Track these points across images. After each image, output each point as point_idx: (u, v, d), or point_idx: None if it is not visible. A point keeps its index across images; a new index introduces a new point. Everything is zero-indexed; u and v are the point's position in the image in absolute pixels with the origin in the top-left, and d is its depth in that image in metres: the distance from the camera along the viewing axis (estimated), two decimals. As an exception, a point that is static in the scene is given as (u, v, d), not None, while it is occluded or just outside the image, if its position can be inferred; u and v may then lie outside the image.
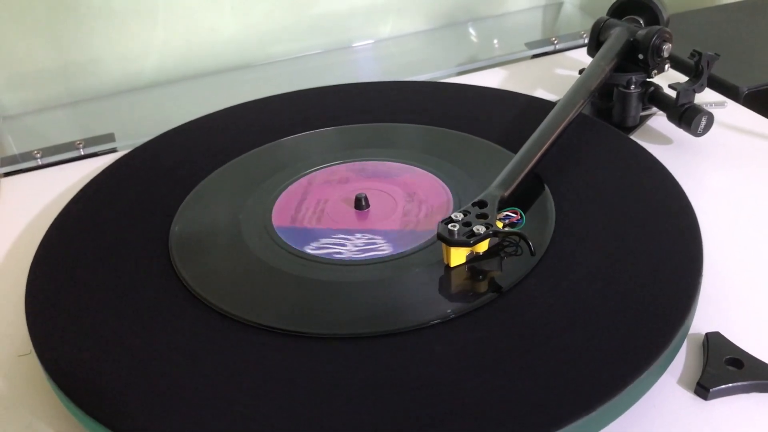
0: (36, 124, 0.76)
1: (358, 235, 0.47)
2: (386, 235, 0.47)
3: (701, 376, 0.38)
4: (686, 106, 0.58)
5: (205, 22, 0.79)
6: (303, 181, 0.54)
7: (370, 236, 0.47)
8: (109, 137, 0.68)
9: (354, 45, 0.86)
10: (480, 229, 0.43)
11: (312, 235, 0.48)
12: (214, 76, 0.81)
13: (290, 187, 0.53)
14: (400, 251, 0.45)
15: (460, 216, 0.44)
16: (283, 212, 0.50)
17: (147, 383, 0.37)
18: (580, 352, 0.37)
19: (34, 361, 0.40)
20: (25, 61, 0.75)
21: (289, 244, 0.47)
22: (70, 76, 0.77)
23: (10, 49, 0.73)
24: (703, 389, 0.37)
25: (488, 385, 0.36)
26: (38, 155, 0.66)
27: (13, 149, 0.69)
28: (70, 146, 0.66)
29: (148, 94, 0.79)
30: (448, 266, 0.44)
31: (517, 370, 0.36)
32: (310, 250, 0.46)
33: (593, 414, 0.34)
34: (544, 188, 0.50)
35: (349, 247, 0.46)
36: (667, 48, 0.58)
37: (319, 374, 0.37)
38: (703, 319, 0.42)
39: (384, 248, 0.46)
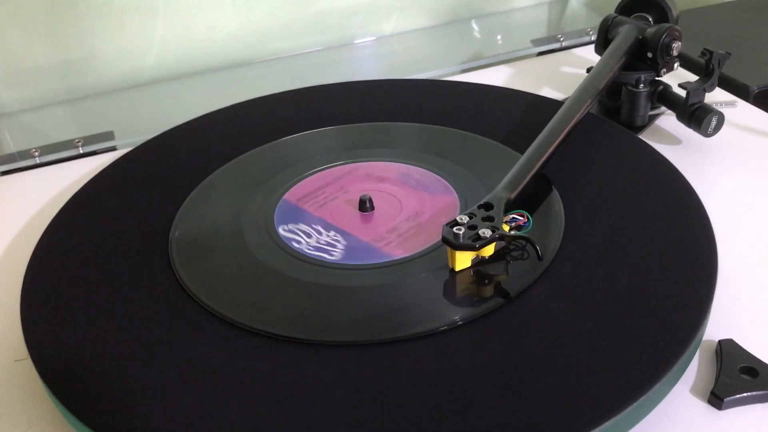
0: (34, 122, 0.75)
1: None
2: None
3: (715, 385, 0.37)
4: (696, 106, 0.57)
5: (205, 18, 0.78)
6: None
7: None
8: (109, 135, 0.67)
9: (356, 42, 0.86)
10: (486, 232, 0.42)
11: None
12: (214, 74, 0.80)
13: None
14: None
15: (465, 219, 0.43)
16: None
17: (145, 390, 0.36)
18: (590, 362, 0.36)
19: (30, 366, 0.39)
20: (23, 58, 0.74)
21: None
22: (69, 73, 0.76)
23: (8, 45, 0.73)
24: (716, 399, 0.36)
25: (495, 396, 0.35)
26: (36, 153, 0.65)
27: (11, 147, 0.69)
28: (69, 144, 0.66)
29: (148, 92, 0.78)
30: (453, 270, 0.43)
31: (525, 381, 0.35)
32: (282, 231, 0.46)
33: (604, 425, 0.33)
34: (551, 190, 0.49)
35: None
36: (676, 46, 0.57)
37: (320, 381, 0.36)
38: (716, 326, 0.41)
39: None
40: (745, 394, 0.36)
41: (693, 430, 0.36)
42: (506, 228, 0.44)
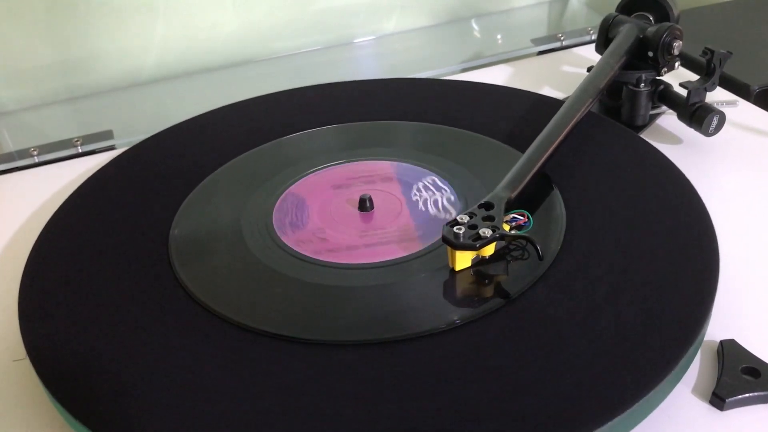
0: (33, 121, 0.75)
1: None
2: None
3: (716, 386, 0.37)
4: (697, 105, 0.56)
5: (206, 18, 0.78)
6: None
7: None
8: (108, 134, 0.67)
9: (356, 41, 0.85)
10: (486, 232, 0.42)
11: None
12: (215, 73, 0.80)
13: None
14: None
15: (465, 218, 0.43)
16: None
17: (144, 390, 0.36)
18: (591, 362, 0.36)
19: (29, 366, 0.39)
20: (22, 57, 0.74)
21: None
22: (69, 72, 0.76)
23: (7, 44, 0.72)
24: (718, 399, 0.36)
25: (495, 396, 0.34)
26: (35, 153, 0.64)
27: (10, 146, 0.68)
28: (68, 143, 0.65)
29: (147, 91, 0.78)
30: (453, 270, 0.43)
31: (525, 382, 0.35)
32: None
33: (606, 426, 0.33)
34: (552, 189, 0.49)
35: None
36: (677, 45, 0.57)
37: (319, 382, 0.36)
38: (717, 326, 0.40)
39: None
40: (747, 395, 0.36)
41: (695, 430, 0.36)
42: (507, 228, 0.44)
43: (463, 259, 0.42)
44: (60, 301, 0.43)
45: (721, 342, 0.39)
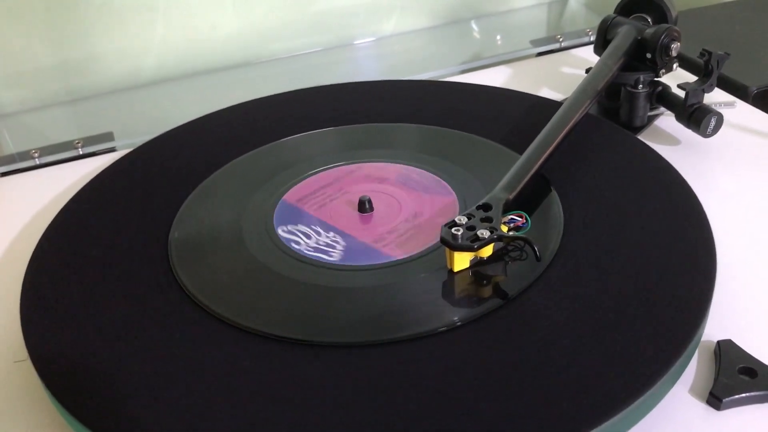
0: (34, 123, 0.75)
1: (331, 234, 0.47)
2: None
3: (713, 386, 0.37)
4: (695, 107, 0.57)
5: (206, 19, 0.78)
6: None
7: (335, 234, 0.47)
8: (108, 136, 0.67)
9: (356, 42, 0.86)
10: (484, 233, 0.42)
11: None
12: (214, 74, 0.80)
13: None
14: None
15: (463, 220, 0.43)
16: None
17: (144, 391, 0.36)
18: (588, 363, 0.36)
19: (30, 367, 0.39)
20: (23, 59, 0.74)
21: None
22: (69, 74, 0.76)
23: (7, 45, 0.73)
24: (715, 399, 0.36)
25: (494, 397, 0.35)
26: (36, 154, 0.65)
27: (11, 148, 0.69)
28: (69, 145, 0.66)
29: (147, 93, 0.79)
30: (451, 271, 0.43)
31: (523, 382, 0.35)
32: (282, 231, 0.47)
33: (603, 426, 0.33)
34: (550, 190, 0.49)
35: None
36: (675, 47, 0.57)
37: (318, 383, 0.36)
38: (715, 326, 0.41)
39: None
40: (743, 395, 0.36)
41: (692, 430, 0.36)
42: (505, 229, 0.44)
43: (461, 260, 0.43)
44: (61, 302, 0.43)
45: (718, 342, 0.39)
